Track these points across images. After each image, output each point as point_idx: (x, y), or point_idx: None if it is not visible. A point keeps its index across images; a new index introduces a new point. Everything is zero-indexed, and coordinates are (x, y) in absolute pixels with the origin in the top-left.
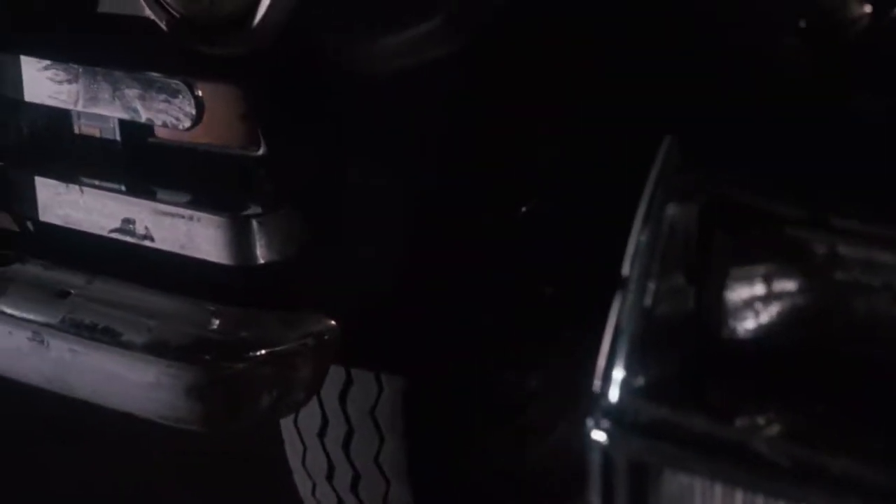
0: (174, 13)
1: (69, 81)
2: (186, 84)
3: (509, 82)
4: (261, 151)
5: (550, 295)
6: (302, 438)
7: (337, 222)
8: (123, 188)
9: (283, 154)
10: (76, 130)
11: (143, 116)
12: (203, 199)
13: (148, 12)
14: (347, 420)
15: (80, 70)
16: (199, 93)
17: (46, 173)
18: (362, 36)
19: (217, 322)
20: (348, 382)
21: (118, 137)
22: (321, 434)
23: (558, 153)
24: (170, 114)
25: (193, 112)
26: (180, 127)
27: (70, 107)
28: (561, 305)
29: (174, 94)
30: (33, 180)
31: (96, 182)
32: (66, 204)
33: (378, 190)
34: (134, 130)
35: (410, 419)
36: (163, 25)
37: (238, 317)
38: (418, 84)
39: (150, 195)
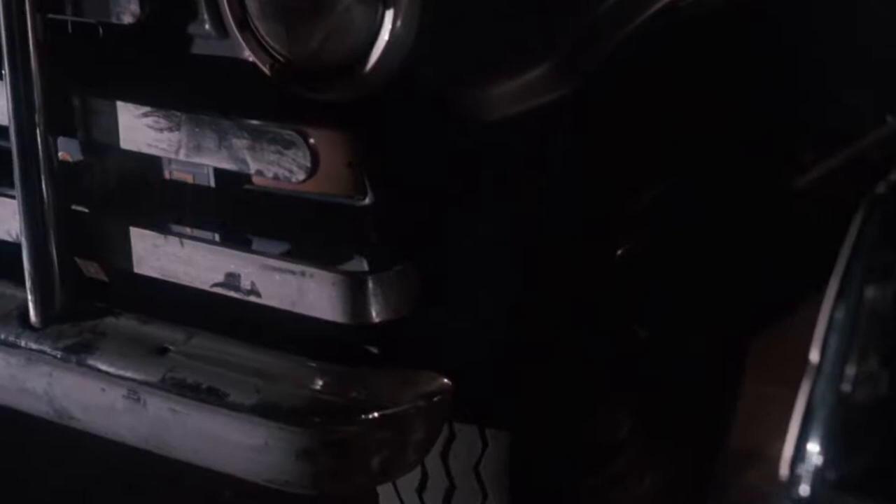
0: (279, 57)
1: (170, 129)
2: (300, 135)
3: (616, 125)
4: (375, 202)
5: (644, 339)
6: (399, 494)
7: (451, 276)
8: (227, 240)
9: (399, 206)
10: (167, 176)
11: (253, 168)
12: (314, 253)
13: (250, 56)
14: (449, 476)
15: (183, 117)
16: (314, 144)
17: (142, 223)
18: (475, 81)
19: (328, 382)
20: (451, 438)
21: (213, 184)
22: (420, 490)
23: (657, 195)
24: (282, 166)
25: (308, 164)
26: (293, 180)
27: (171, 155)
28: (654, 350)
29: (287, 145)
30: (127, 230)
31: (197, 233)
32: (163, 256)
33: (490, 239)
34: (231, 177)
35: (514, 473)
36: (266, 70)
37: (350, 376)
38: (529, 129)
39: (257, 249)
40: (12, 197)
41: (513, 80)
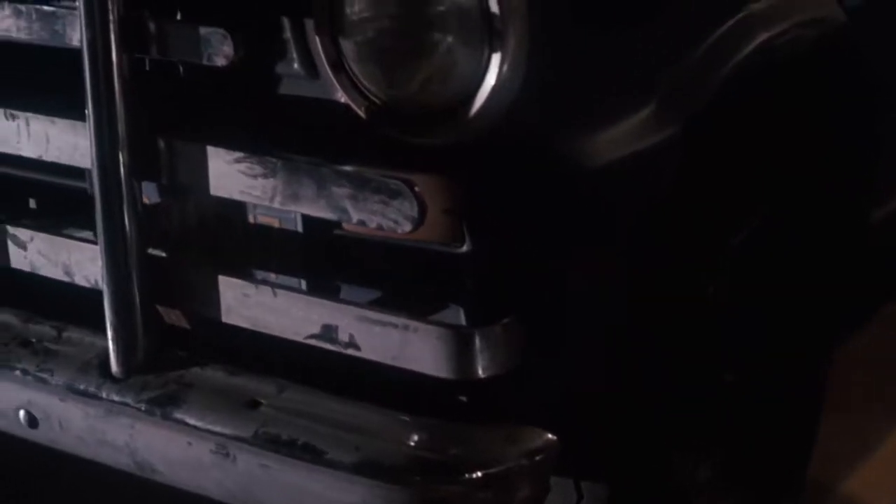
0: (374, 99)
1: (265, 175)
2: (407, 184)
3: (712, 165)
4: (474, 250)
5: (730, 382)
6: None
7: (557, 328)
8: (315, 288)
9: (500, 254)
10: (251, 220)
11: (355, 218)
12: (409, 302)
13: (343, 97)
14: None
15: (279, 164)
16: (421, 194)
17: (231, 271)
18: (578, 126)
19: (428, 438)
20: (545, 490)
21: (301, 229)
22: None
23: (746, 235)
24: (387, 216)
25: (415, 215)
26: (399, 231)
27: (265, 203)
28: (740, 393)
29: (393, 195)
30: (216, 278)
31: (283, 280)
32: (255, 305)
33: (593, 288)
34: (319, 222)
35: None
36: (361, 113)
37: (451, 432)
38: (632, 173)
39: (350, 298)
40: (93, 242)
41: (616, 125)
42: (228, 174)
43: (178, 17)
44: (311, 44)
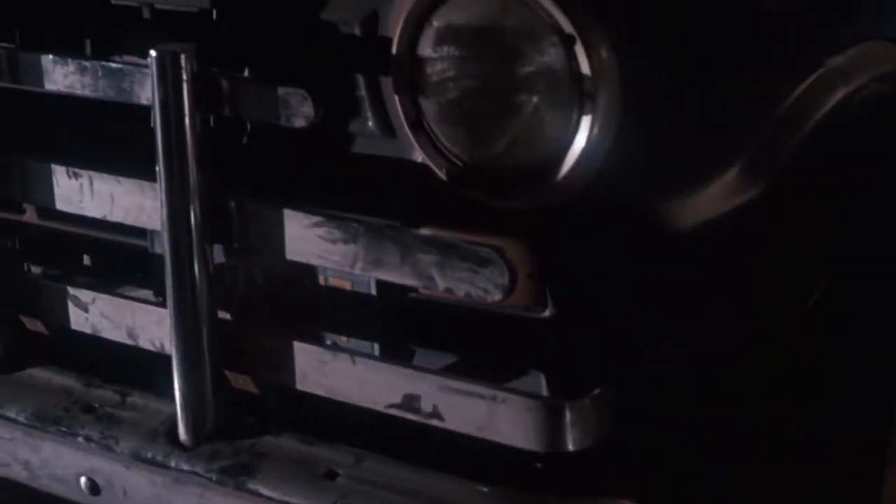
0: (456, 161)
1: (345, 241)
2: (498, 252)
3: (794, 222)
4: (557, 317)
5: (799, 441)
6: None
7: (646, 397)
8: (398, 356)
9: (585, 321)
10: (321, 282)
11: (441, 285)
12: (505, 374)
13: (421, 157)
14: None
15: (361, 229)
16: (513, 261)
17: (306, 337)
18: (665, 189)
19: None
20: None
21: (375, 292)
22: None
23: (820, 295)
24: (476, 284)
25: (506, 283)
26: (489, 299)
27: (345, 269)
28: (807, 453)
29: (482, 262)
30: (290, 344)
31: (363, 347)
32: (332, 373)
33: (683, 354)
34: (397, 285)
35: None
36: (441, 174)
37: None
38: (721, 235)
39: (441, 368)
40: (160, 304)
41: (703, 186)
42: (305, 238)
43: (252, 75)
44: (389, 102)
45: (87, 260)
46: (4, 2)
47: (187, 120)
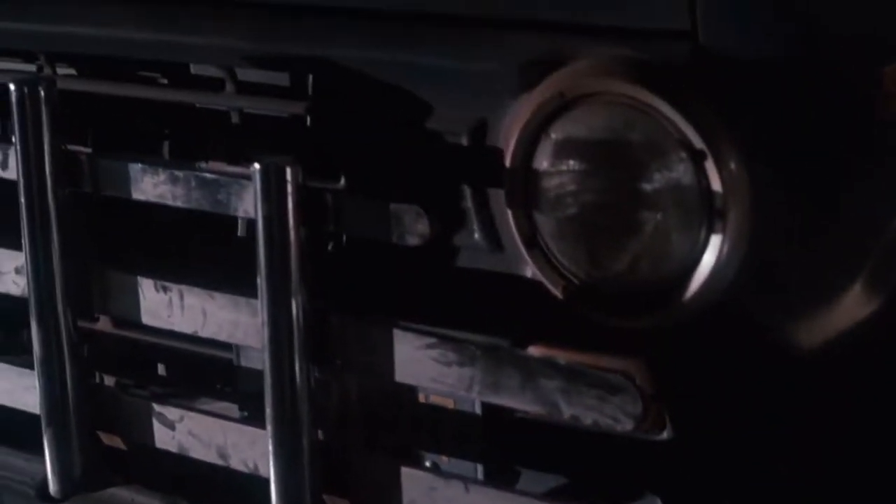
0: (572, 279)
1: (461, 364)
2: (629, 379)
3: None
4: (677, 440)
5: None
6: None
7: None
8: (510, 481)
9: (716, 445)
10: (421, 399)
11: (566, 413)
12: (620, 498)
13: (535, 273)
14: None
15: (479, 352)
16: (644, 389)
17: (415, 462)
18: (795, 305)
19: None
20: None
21: (479, 411)
22: None
23: None
24: (605, 413)
25: (638, 412)
26: (619, 429)
27: (461, 393)
28: None
29: (612, 390)
30: (398, 468)
31: (465, 468)
32: (441, 499)
33: (808, 479)
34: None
35: None
36: (557, 292)
37: None
38: (845, 352)
39: (555, 493)
40: (257, 424)
41: (830, 302)
42: (417, 360)
43: (360, 189)
44: (497, 215)
45: (161, 370)
46: (80, 102)
47: (292, 235)
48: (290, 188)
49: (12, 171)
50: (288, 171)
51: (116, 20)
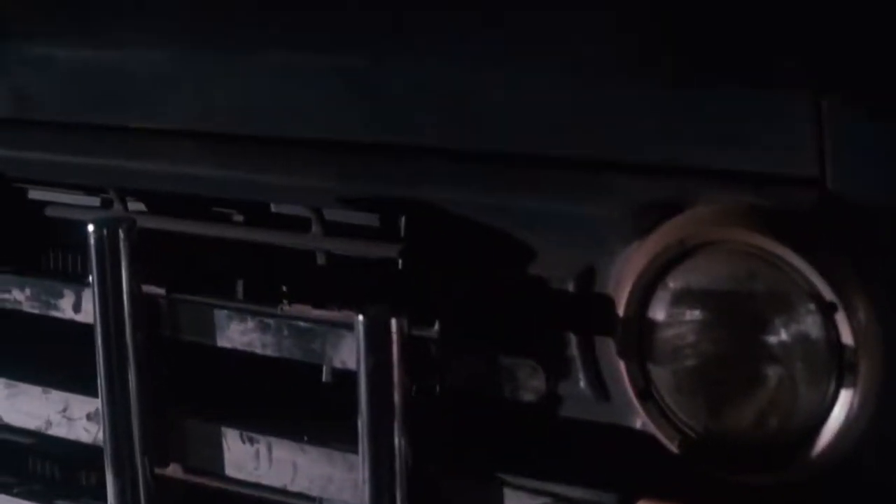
0: (690, 432)
1: None
2: None
3: None
4: None
5: None
6: None
7: None
8: None
9: None
10: None
11: None
12: None
13: (647, 426)
14: None
15: None
16: None
17: None
18: None
19: None
20: None
21: None
22: None
23: None
24: None
25: None
26: None
27: None
28: None
29: None
30: None
31: None
32: None
33: None
34: None
35: None
36: (672, 447)
37: None
38: None
39: None
40: None
41: None
42: None
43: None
44: (603, 364)
45: None
46: (154, 240)
47: (396, 388)
48: (394, 339)
49: (85, 314)
50: (393, 322)
51: (193, 157)
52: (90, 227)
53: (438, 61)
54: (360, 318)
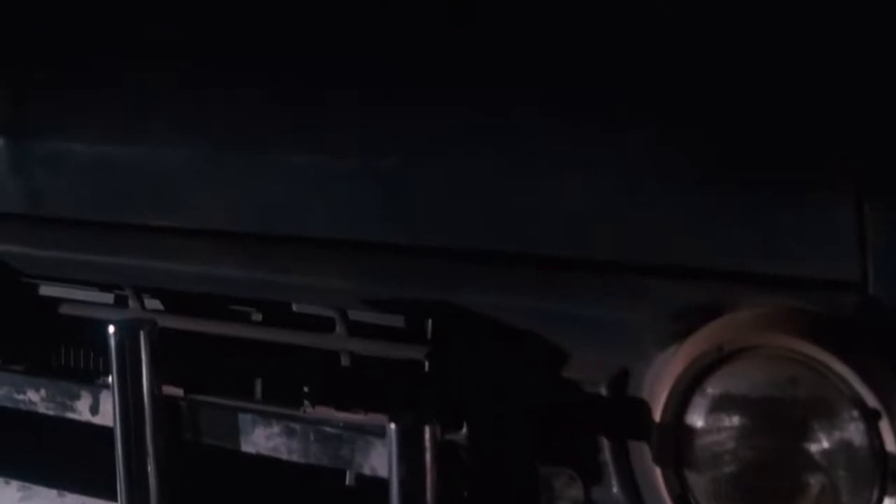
0: None
1: None
2: None
3: None
4: None
5: None
6: None
7: None
8: None
9: None
10: None
11: None
12: None
13: None
14: None
15: None
16: None
17: None
18: None
19: None
20: None
21: None
22: None
23: None
24: None
25: None
26: None
27: None
28: None
29: None
30: None
31: None
32: None
33: None
34: None
35: None
36: None
37: None
38: None
39: None
40: None
41: None
42: None
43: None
44: (637, 469)
45: None
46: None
47: (429, 497)
48: (427, 447)
49: (103, 416)
50: (427, 430)
51: (214, 257)
52: (111, 329)
53: (468, 162)
54: (393, 425)
